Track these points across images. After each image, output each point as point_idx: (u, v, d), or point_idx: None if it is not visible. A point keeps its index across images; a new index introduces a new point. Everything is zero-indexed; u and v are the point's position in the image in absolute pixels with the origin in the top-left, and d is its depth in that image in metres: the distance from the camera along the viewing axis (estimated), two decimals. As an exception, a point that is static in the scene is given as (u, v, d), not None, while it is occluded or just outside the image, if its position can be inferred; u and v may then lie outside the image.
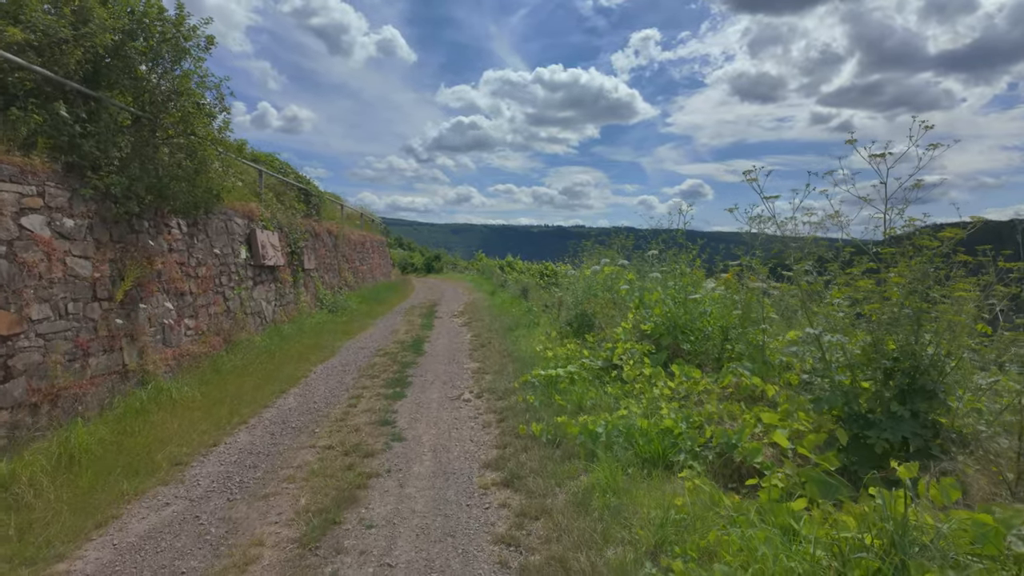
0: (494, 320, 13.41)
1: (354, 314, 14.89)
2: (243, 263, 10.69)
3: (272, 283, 12.01)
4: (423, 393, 7.00)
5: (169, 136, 7.40)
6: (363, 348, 10.57)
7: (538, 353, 7.89)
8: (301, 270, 13.85)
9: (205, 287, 8.98)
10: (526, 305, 14.90)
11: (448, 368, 8.50)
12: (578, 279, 9.98)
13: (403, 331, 12.74)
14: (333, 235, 17.92)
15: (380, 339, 11.62)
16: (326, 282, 16.35)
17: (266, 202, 12.90)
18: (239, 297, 10.24)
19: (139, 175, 6.98)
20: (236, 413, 6.09)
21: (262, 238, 11.41)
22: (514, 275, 27.32)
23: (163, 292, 7.74)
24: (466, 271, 41.02)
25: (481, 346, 10.26)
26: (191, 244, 8.74)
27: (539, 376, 6.38)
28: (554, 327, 10.01)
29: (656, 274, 6.78)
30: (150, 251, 7.45)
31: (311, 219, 15.87)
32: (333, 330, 12.21)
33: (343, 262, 18.78)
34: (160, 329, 7.53)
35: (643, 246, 11.06)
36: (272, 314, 11.69)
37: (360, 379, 7.89)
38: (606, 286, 8.67)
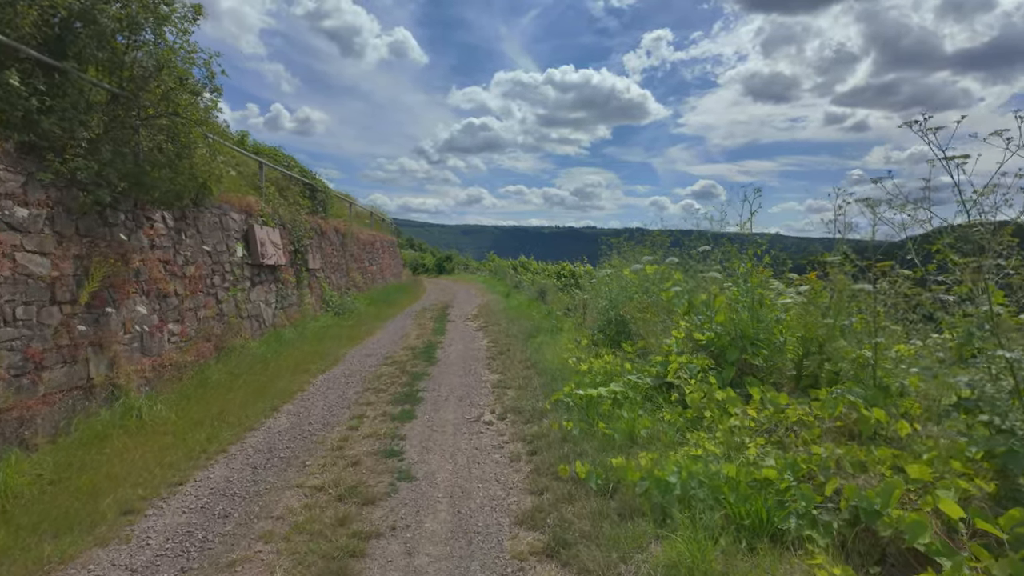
0: (511, 324, 12.40)
1: (362, 317, 13.95)
2: (239, 262, 9.77)
3: (272, 284, 11.09)
4: (436, 412, 6.00)
5: (149, 116, 6.47)
6: (370, 355, 9.60)
7: (569, 365, 6.86)
8: (305, 270, 12.93)
9: (194, 288, 8.05)
10: (545, 308, 13.87)
11: (464, 381, 7.49)
12: (609, 280, 8.93)
13: (414, 336, 11.76)
14: (341, 233, 17.02)
15: (389, 345, 10.64)
16: (333, 283, 15.43)
17: (267, 197, 12.00)
18: (234, 299, 9.31)
19: (111, 159, 6.06)
20: (215, 438, 5.12)
21: (261, 235, 10.49)
22: (528, 276, 26.31)
23: (142, 294, 6.81)
24: (478, 272, 40.09)
25: (500, 354, 9.24)
26: (178, 240, 7.82)
27: (575, 396, 5.36)
28: (582, 334, 8.97)
29: (714, 273, 5.73)
30: (126, 247, 6.52)
31: (317, 216, 14.97)
32: (338, 335, 11.26)
33: (351, 262, 17.87)
34: (137, 336, 6.59)
35: (677, 245, 9.98)
36: (272, 317, 10.76)
37: (364, 393, 6.91)
38: (643, 288, 7.63)
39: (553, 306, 13.70)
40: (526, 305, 15.43)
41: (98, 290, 5.95)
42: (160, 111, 6.46)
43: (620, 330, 7.38)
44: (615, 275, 9.74)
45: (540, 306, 15.08)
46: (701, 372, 4.87)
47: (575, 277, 20.49)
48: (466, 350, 9.89)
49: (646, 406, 4.78)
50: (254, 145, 14.43)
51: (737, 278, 5.50)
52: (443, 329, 12.67)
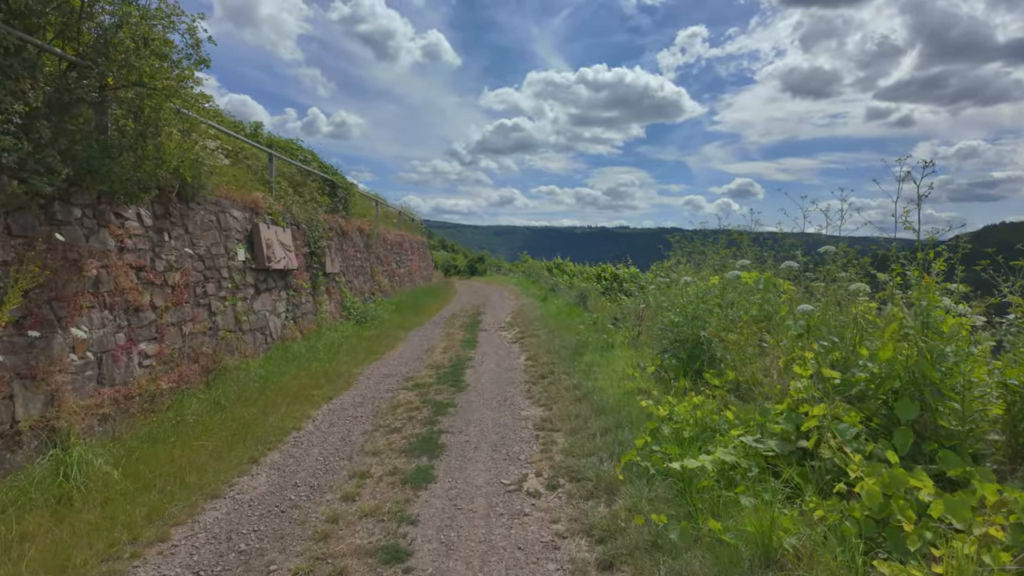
0: (552, 336, 10.83)
1: (385, 326, 12.59)
2: (241, 266, 8.47)
3: (282, 291, 9.79)
4: (462, 471, 4.49)
5: (108, 87, 5.14)
6: (389, 375, 8.17)
7: (637, 404, 5.27)
8: (322, 274, 11.63)
9: (178, 299, 6.74)
10: (589, 316, 12.26)
11: (498, 417, 5.97)
12: (680, 289, 7.29)
13: (440, 349, 10.31)
14: (365, 234, 15.74)
15: (411, 361, 9.21)
16: (355, 288, 14.14)
17: (279, 193, 10.73)
18: (232, 310, 8.01)
19: (53, 139, 4.75)
20: (159, 515, 3.72)
21: (267, 235, 9.19)
22: (565, 278, 24.70)
23: (103, 307, 5.50)
24: (510, 273, 38.64)
25: (541, 377, 7.70)
26: (158, 242, 6.52)
27: (656, 460, 3.79)
28: (643, 355, 7.36)
29: (859, 284, 4.09)
30: (79, 251, 5.22)
31: (337, 215, 13.69)
32: (355, 348, 9.89)
33: (376, 265, 16.59)
34: (93, 362, 5.28)
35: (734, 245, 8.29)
36: (280, 329, 9.46)
37: (374, 435, 5.46)
38: (725, 300, 5.99)
39: (598, 314, 12.08)
40: (566, 312, 13.85)
41: (30, 306, 4.64)
42: (120, 80, 5.13)
43: (698, 354, 5.75)
44: (677, 281, 8.08)
45: (582, 313, 13.47)
46: (860, 436, 3.24)
47: (618, 280, 18.81)
48: (500, 370, 8.37)
49: (774, 487, 3.17)
50: (268, 137, 13.23)
51: (889, 291, 3.83)
52: (474, 341, 11.20)
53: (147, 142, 5.12)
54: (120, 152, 5.03)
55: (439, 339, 11.56)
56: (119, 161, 5.05)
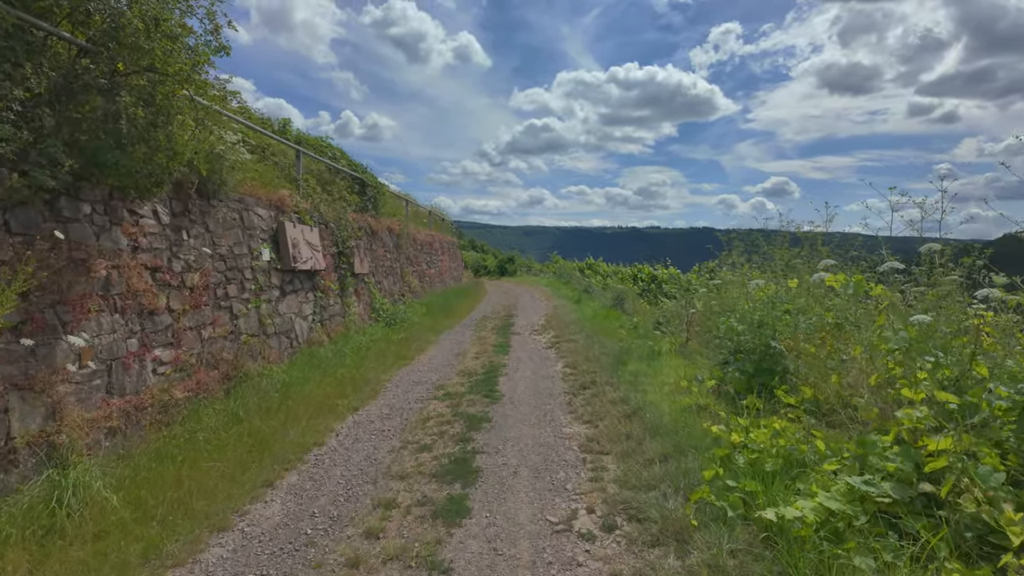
0: (590, 341, 10.19)
1: (414, 328, 12.13)
2: (265, 267, 8.08)
3: (309, 292, 9.40)
4: (501, 503, 3.92)
5: (120, 73, 4.73)
6: (418, 383, 7.67)
7: (698, 425, 4.62)
8: (351, 275, 11.23)
9: (197, 301, 6.35)
10: (629, 320, 11.57)
11: (539, 435, 5.39)
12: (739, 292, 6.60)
13: (472, 354, 9.78)
14: (395, 234, 15.35)
15: (442, 367, 8.70)
16: (384, 289, 13.74)
17: (307, 191, 10.35)
18: (256, 313, 7.61)
19: (55, 128, 4.36)
20: (156, 551, 3.26)
21: (293, 234, 8.80)
22: (598, 279, 23.98)
23: (113, 311, 5.11)
24: (541, 274, 38.02)
25: (582, 388, 7.08)
26: (176, 241, 6.13)
27: (735, 502, 3.16)
28: (698, 365, 6.69)
29: (990, 290, 3.40)
30: (87, 250, 4.83)
31: (367, 215, 13.31)
32: (384, 352, 9.43)
33: (406, 265, 16.19)
34: (102, 370, 4.89)
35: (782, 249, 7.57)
36: (307, 332, 9.06)
37: (401, 453, 4.94)
38: (797, 308, 5.28)
39: (638, 318, 11.39)
40: (603, 315, 13.17)
41: (31, 310, 4.24)
42: (131, 65, 4.71)
43: (767, 367, 5.06)
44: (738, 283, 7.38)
45: (620, 316, 12.79)
46: (996, 481, 2.56)
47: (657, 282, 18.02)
48: (537, 379, 7.78)
49: (894, 544, 2.52)
50: (297, 134, 12.92)
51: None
52: (507, 345, 10.63)
53: (158, 131, 4.69)
54: (129, 142, 4.61)
55: (470, 343, 11.03)
56: (128, 152, 4.63)
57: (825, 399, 4.49)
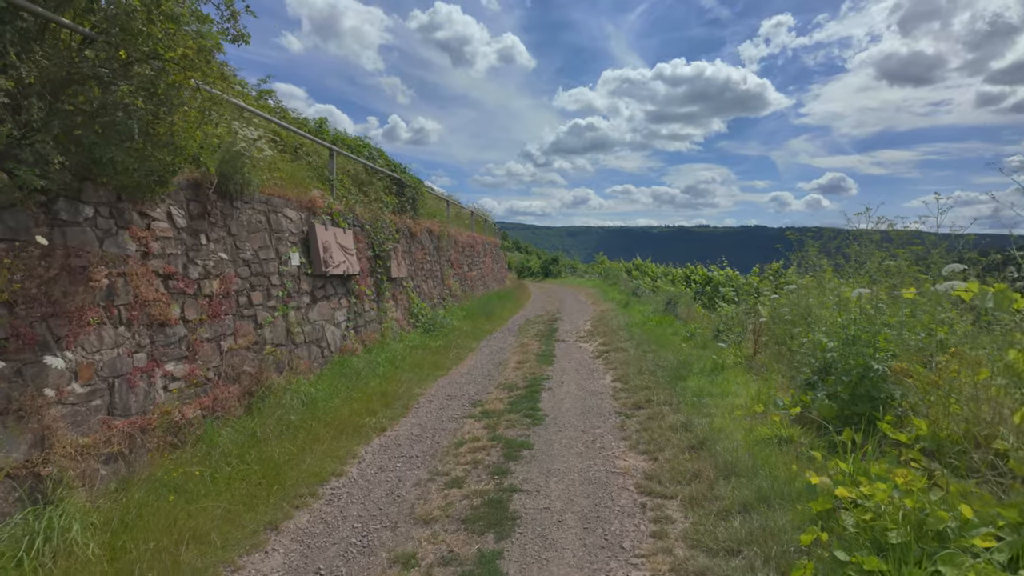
0: (641, 351, 9.34)
1: (454, 334, 11.55)
2: (295, 272, 7.62)
3: (343, 298, 8.92)
4: (542, 567, 3.19)
5: (123, 61, 4.24)
6: (453, 398, 7.04)
7: (792, 471, 3.78)
8: (387, 279, 10.74)
9: (217, 310, 5.89)
10: (685, 327, 10.64)
11: (587, 468, 4.64)
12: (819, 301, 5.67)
13: (513, 364, 9.09)
14: (435, 235, 14.84)
15: (480, 379, 8.05)
16: (423, 293, 13.23)
17: (341, 192, 9.90)
18: (283, 321, 7.15)
19: (45, 121, 3.91)
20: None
21: (325, 237, 8.32)
22: (647, 281, 22.91)
23: (118, 323, 4.66)
24: (586, 275, 37.08)
25: (635, 407, 6.29)
26: (193, 245, 5.69)
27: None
28: (774, 386, 5.79)
29: None
30: (87, 256, 4.39)
31: (405, 216, 12.82)
32: (419, 362, 8.86)
33: (447, 268, 15.67)
34: (102, 388, 4.43)
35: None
36: (340, 341, 8.57)
37: (427, 488, 4.29)
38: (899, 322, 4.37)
39: (695, 325, 10.45)
40: (654, 321, 12.26)
41: (17, 325, 3.79)
42: (133, 52, 4.22)
43: (866, 393, 4.16)
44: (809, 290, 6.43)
45: (673, 323, 11.86)
46: None
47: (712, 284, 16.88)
48: (584, 395, 7.02)
49: None
50: (334, 134, 12.55)
51: None
52: (551, 354, 9.90)
53: (159, 124, 4.19)
54: (127, 136, 4.12)
55: (512, 351, 10.35)
56: (125, 148, 4.14)
57: (948, 436, 3.58)
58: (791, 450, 4.23)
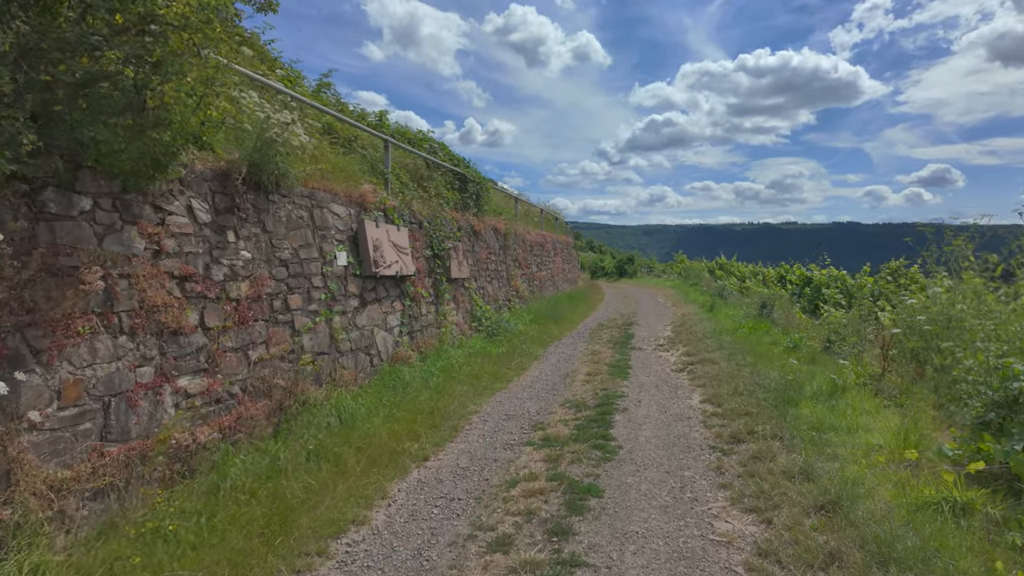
0: (735, 363, 7.99)
1: (518, 339, 10.60)
2: (341, 273, 6.93)
3: (396, 300, 8.18)
4: None
5: (117, 27, 3.58)
6: (510, 418, 6.08)
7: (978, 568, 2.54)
8: (447, 280, 9.95)
9: (244, 316, 5.23)
10: (786, 337, 9.15)
11: (675, 532, 3.53)
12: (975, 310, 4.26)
13: (582, 376, 8.02)
14: (500, 234, 13.98)
15: (544, 394, 7.05)
16: (487, 294, 12.39)
17: (397, 187, 9.19)
18: (326, 327, 6.46)
19: (15, 96, 3.28)
20: None
21: (375, 235, 7.60)
22: (732, 281, 21.04)
23: (117, 332, 4.03)
24: (663, 275, 35.19)
25: (734, 439, 5.07)
26: (218, 243, 5.05)
27: None
28: (925, 420, 4.42)
29: None
30: (78, 255, 3.76)
31: (468, 213, 12.02)
32: (477, 372, 7.97)
33: (514, 268, 14.77)
34: (93, 410, 3.80)
35: None
36: (392, 347, 7.84)
37: (465, 551, 3.33)
38: None
39: (797, 334, 8.94)
40: (747, 328, 10.76)
41: (-23, 338, 3.18)
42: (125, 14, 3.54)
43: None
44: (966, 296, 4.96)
45: (770, 329, 10.34)
46: None
47: (812, 285, 14.96)
48: (667, 419, 5.86)
49: None
50: (396, 128, 11.94)
51: None
52: (626, 365, 8.74)
53: (146, 96, 3.48)
54: (112, 111, 3.44)
55: (581, 360, 9.27)
56: (110, 125, 3.46)
57: None
58: (976, 527, 2.94)
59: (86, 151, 3.56)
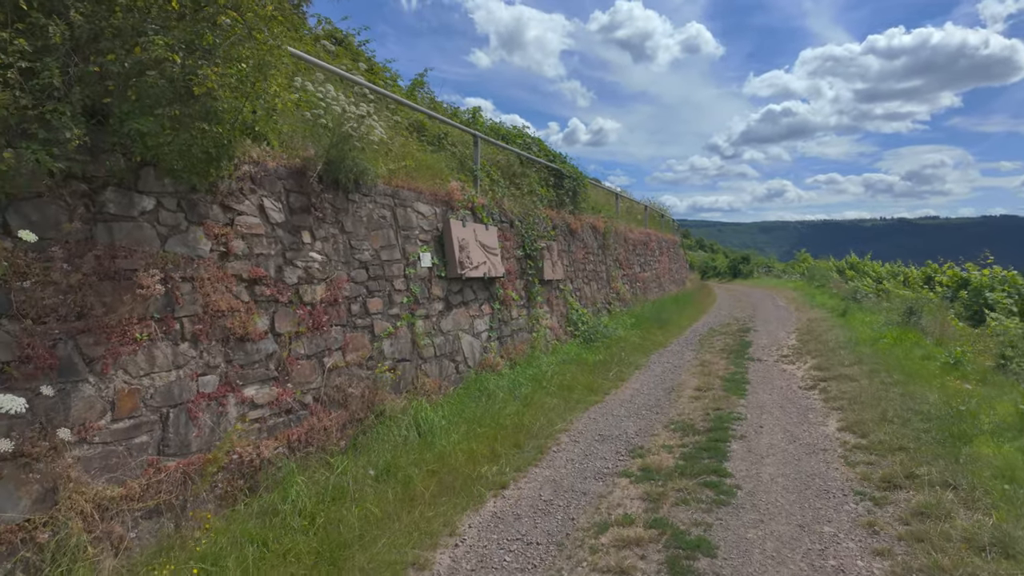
0: (879, 382, 6.67)
1: (618, 347, 9.77)
2: (425, 275, 6.56)
3: (484, 304, 7.72)
4: None
5: (169, 12, 3.33)
6: (604, 439, 5.35)
7: None
8: (539, 282, 9.35)
9: (318, 320, 4.94)
10: (940, 349, 7.59)
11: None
12: None
13: (690, 390, 7.08)
14: (599, 232, 13.17)
15: (645, 412, 6.22)
16: (584, 297, 11.65)
17: (486, 184, 8.73)
18: (408, 332, 6.09)
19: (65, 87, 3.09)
20: None
21: (462, 235, 7.16)
22: (867, 282, 18.60)
23: (179, 340, 3.81)
24: (784, 275, 32.36)
25: (889, 485, 3.99)
26: (292, 244, 4.79)
27: None
28: None
29: None
30: (136, 258, 3.57)
31: (563, 211, 11.35)
32: (570, 383, 7.29)
33: (614, 268, 13.89)
34: (151, 422, 3.58)
35: None
36: (479, 354, 7.37)
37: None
38: None
39: (957, 347, 7.35)
40: (890, 337, 9.14)
41: (32, 344, 3.00)
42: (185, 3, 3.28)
43: None
44: None
45: (920, 340, 8.70)
46: None
47: (969, 288, 12.61)
48: (796, 450, 4.84)
49: None
50: (490, 124, 11.54)
51: None
52: (742, 379, 7.65)
53: (191, 83, 3.17)
54: (155, 101, 3.17)
55: (689, 371, 8.28)
56: (156, 116, 3.19)
57: None
58: None
59: (134, 146, 3.32)
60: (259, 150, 4.60)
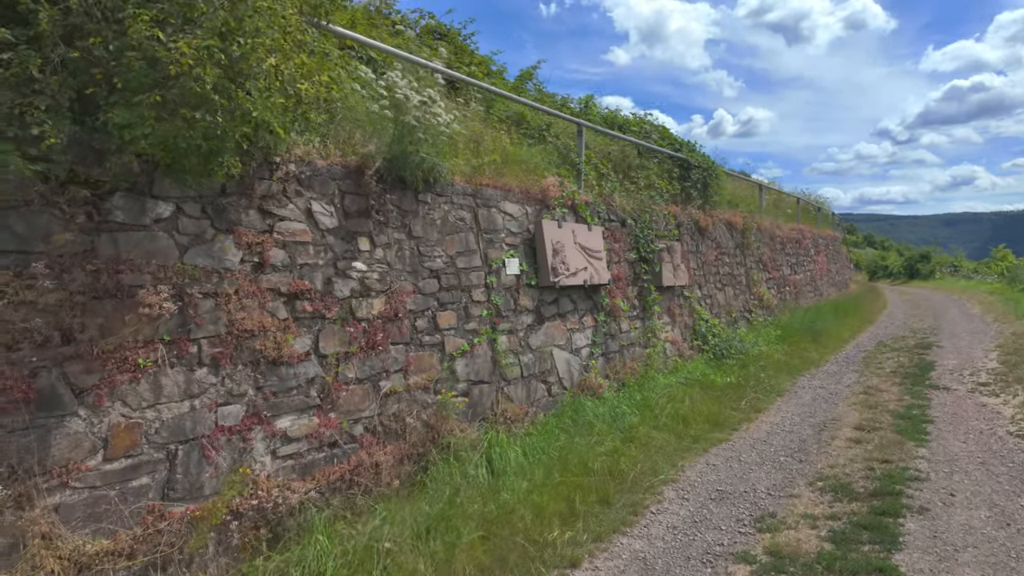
0: None
1: (756, 365, 8.20)
2: (511, 283, 5.74)
3: (585, 316, 6.72)
4: None
5: None
6: (722, 498, 4.11)
7: None
8: (656, 289, 8.11)
9: (372, 339, 4.32)
10: None
11: None
12: None
13: (848, 433, 5.48)
14: (737, 229, 11.46)
15: (783, 459, 4.83)
16: (716, 305, 10.10)
17: (594, 178, 7.70)
18: (488, 350, 5.32)
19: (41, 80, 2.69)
20: None
21: (557, 237, 6.23)
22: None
23: (196, 365, 3.34)
24: (975, 276, 27.04)
25: None
26: (345, 252, 4.22)
27: None
28: None
29: None
30: (141, 273, 3.13)
31: (690, 206, 9.91)
32: (688, 413, 6.03)
33: (755, 271, 12.05)
34: (155, 460, 3.12)
35: None
36: (578, 374, 6.39)
37: None
38: None
39: None
40: None
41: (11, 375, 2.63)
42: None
43: None
44: None
45: None
46: None
47: None
48: (1009, 539, 3.27)
49: None
50: (606, 113, 10.45)
51: None
52: (921, 418, 5.83)
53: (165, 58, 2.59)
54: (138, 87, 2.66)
55: (848, 402, 6.57)
56: (133, 104, 2.68)
57: None
58: None
59: (111, 139, 2.85)
60: (304, 147, 4.08)
